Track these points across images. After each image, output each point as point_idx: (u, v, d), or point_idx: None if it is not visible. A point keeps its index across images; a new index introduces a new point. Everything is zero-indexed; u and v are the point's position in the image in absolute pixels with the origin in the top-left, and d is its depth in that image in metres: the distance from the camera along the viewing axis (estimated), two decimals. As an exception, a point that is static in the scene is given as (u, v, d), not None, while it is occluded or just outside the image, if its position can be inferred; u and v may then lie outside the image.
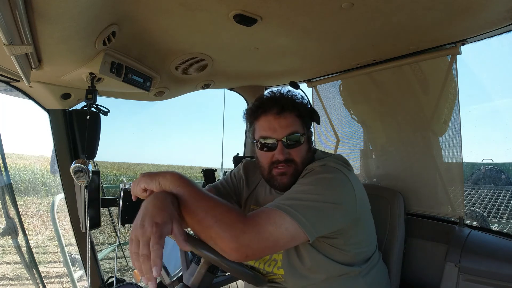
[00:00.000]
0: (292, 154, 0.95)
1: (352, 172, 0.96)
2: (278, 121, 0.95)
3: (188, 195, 0.77)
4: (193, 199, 0.77)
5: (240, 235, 0.74)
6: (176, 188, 0.78)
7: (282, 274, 0.96)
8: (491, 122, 51.92)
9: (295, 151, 0.96)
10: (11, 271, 4.80)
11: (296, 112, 0.97)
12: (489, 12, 1.04)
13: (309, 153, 1.01)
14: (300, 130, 0.97)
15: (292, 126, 0.95)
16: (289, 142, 0.95)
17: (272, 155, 0.96)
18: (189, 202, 0.77)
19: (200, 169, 2.06)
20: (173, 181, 0.79)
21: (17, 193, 1.66)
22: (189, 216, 0.77)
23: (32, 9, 0.70)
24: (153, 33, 1.12)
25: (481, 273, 1.14)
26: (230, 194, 1.16)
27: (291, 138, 0.95)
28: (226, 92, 2.21)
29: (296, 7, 0.97)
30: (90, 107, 1.28)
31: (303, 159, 0.97)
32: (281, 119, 0.95)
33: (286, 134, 0.94)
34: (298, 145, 0.96)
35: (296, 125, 0.97)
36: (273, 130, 0.95)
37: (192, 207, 0.76)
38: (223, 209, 0.77)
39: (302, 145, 0.97)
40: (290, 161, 0.95)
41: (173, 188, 0.78)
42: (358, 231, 0.94)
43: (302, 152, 0.97)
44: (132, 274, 4.22)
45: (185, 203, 0.77)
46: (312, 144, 1.05)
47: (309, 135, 1.03)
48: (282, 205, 0.80)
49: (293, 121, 0.96)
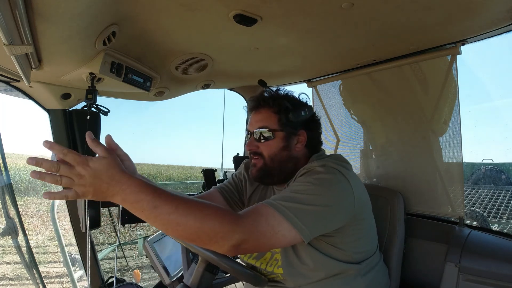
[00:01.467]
0: (260, 147, 1.00)
1: (352, 172, 0.96)
2: (254, 115, 1.03)
3: (163, 203, 0.70)
4: (172, 207, 0.70)
5: (232, 237, 0.73)
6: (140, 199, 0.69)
7: (282, 273, 0.96)
8: (491, 122, 51.96)
9: (263, 145, 1.00)
10: (11, 271, 4.80)
11: (273, 109, 1.00)
12: (489, 12, 1.04)
13: (285, 152, 0.99)
14: (272, 126, 0.99)
15: (263, 121, 1.00)
16: (257, 136, 1.00)
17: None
18: (165, 210, 0.69)
19: (200, 169, 2.06)
20: (136, 193, 0.69)
21: (17, 193, 1.66)
22: (171, 224, 0.70)
23: (32, 9, 0.70)
24: (153, 33, 1.12)
25: (481, 273, 1.14)
26: (234, 193, 1.19)
27: (259, 132, 1.00)
28: (226, 92, 2.21)
29: (296, 7, 0.97)
30: (90, 107, 1.28)
31: (272, 155, 0.99)
32: (256, 114, 1.02)
33: (256, 127, 1.00)
34: (267, 140, 0.99)
35: (269, 120, 0.99)
36: (250, 124, 1.03)
37: (173, 214, 0.70)
38: (208, 210, 0.73)
39: (272, 140, 0.99)
40: (258, 154, 1.01)
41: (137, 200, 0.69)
42: (356, 229, 0.94)
43: (272, 148, 0.99)
44: (132, 274, 4.22)
45: (161, 212, 0.69)
46: (295, 144, 1.01)
47: (288, 132, 1.00)
48: (278, 204, 0.80)
49: (267, 116, 1.00)
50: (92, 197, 0.69)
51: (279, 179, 1.03)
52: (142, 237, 5.62)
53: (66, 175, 0.66)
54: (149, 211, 0.69)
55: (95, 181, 0.67)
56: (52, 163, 0.65)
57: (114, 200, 0.69)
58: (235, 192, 1.19)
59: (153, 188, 0.70)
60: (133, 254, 5.67)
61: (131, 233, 6.12)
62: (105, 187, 0.67)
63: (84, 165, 0.66)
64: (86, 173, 0.66)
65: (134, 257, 5.53)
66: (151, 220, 0.70)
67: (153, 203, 0.68)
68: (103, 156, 0.69)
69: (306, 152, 1.04)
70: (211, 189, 1.20)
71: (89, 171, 0.66)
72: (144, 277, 4.35)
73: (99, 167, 0.67)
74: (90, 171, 0.66)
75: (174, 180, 16.17)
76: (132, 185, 0.68)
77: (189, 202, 0.73)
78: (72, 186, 0.67)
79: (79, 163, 0.66)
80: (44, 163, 0.65)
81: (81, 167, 0.66)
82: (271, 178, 1.02)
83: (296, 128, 1.01)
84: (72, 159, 0.66)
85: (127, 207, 0.70)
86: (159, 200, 0.69)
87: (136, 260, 5.40)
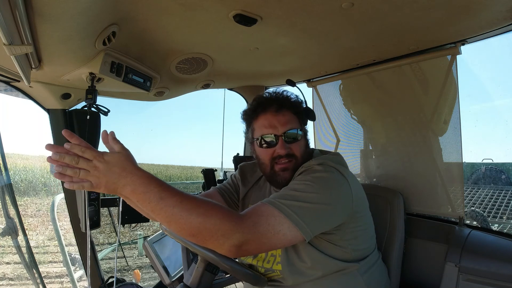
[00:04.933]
0: (293, 149, 0.99)
1: (348, 170, 0.98)
2: (277, 118, 0.99)
3: (170, 198, 0.73)
4: (178, 204, 0.73)
5: (233, 236, 0.74)
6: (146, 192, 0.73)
7: (280, 270, 0.96)
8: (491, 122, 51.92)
9: (295, 146, 1.00)
10: (11, 271, 4.80)
11: (293, 110, 1.02)
12: (489, 12, 1.04)
13: (307, 149, 1.05)
14: (298, 126, 1.02)
15: (290, 122, 1.00)
16: (288, 138, 0.99)
17: (273, 151, 0.99)
18: (170, 205, 0.73)
19: (200, 169, 2.06)
20: (146, 184, 0.73)
21: (17, 193, 1.66)
22: (173, 219, 0.73)
23: (32, 9, 0.70)
24: (153, 33, 1.12)
25: (481, 273, 1.14)
26: (233, 194, 1.20)
27: (290, 134, 0.99)
28: (226, 92, 2.21)
29: (296, 7, 0.98)
30: (90, 107, 1.28)
31: (302, 154, 1.01)
32: (280, 116, 0.99)
33: (285, 130, 0.98)
34: (297, 141, 1.00)
35: (294, 121, 1.01)
36: (273, 127, 0.99)
37: (176, 209, 0.73)
38: (212, 209, 0.76)
39: (300, 140, 1.02)
40: (291, 155, 0.99)
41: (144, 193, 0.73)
42: (355, 227, 0.95)
43: (302, 147, 1.02)
44: (132, 274, 4.22)
45: (165, 206, 0.72)
46: (308, 141, 1.08)
47: (305, 132, 1.06)
48: (279, 203, 0.81)
49: (291, 118, 1.01)
50: (105, 188, 0.73)
51: None
52: (142, 237, 5.62)
53: (84, 168, 0.72)
54: (156, 202, 0.72)
55: (108, 173, 0.72)
56: (72, 157, 0.72)
57: (124, 191, 0.73)
58: (234, 192, 1.20)
59: (160, 182, 0.75)
60: (133, 254, 5.67)
61: (131, 233, 6.11)
62: (116, 177, 0.72)
63: (100, 158, 0.72)
64: (100, 165, 0.72)
65: (134, 257, 5.54)
66: (156, 212, 0.73)
67: (159, 195, 0.72)
68: (119, 151, 0.75)
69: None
70: (210, 189, 1.21)
71: (104, 163, 0.72)
72: (144, 277, 4.35)
73: (113, 160, 0.73)
74: (105, 163, 0.72)
75: (174, 180, 16.16)
76: (143, 176, 0.73)
77: (193, 198, 0.76)
78: (87, 177, 0.72)
79: (95, 157, 0.72)
80: (67, 156, 0.71)
81: (97, 160, 0.72)
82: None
83: (306, 125, 1.07)
84: (90, 155, 0.72)
85: (134, 199, 0.73)
86: (165, 193, 0.73)
87: (136, 260, 5.40)
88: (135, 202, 0.74)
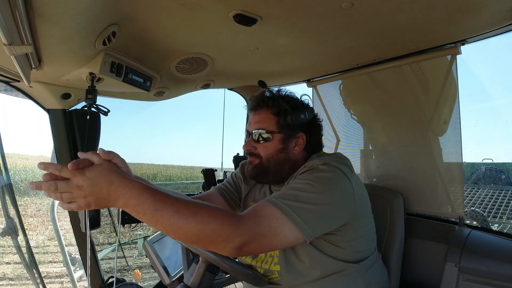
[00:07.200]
0: (258, 148, 1.02)
1: (352, 170, 0.97)
2: (253, 116, 1.04)
3: (163, 205, 0.70)
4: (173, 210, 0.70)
5: (234, 240, 0.73)
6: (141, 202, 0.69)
7: (278, 270, 0.96)
8: (491, 122, 51.93)
9: (261, 146, 1.01)
10: (11, 271, 4.80)
11: (273, 110, 1.01)
12: (489, 12, 1.04)
13: (282, 154, 1.00)
14: (270, 127, 1.00)
15: (261, 122, 1.01)
16: (255, 137, 1.01)
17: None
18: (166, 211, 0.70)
19: (200, 169, 2.06)
20: (137, 196, 0.69)
21: (17, 193, 1.66)
22: (173, 226, 0.70)
23: (32, 9, 0.70)
24: (153, 33, 1.12)
25: (481, 273, 1.14)
26: (233, 193, 1.20)
27: (256, 133, 1.01)
28: (226, 92, 2.21)
29: (296, 7, 0.97)
30: (90, 107, 1.28)
31: (269, 156, 1.00)
32: (255, 115, 1.03)
33: (254, 128, 1.02)
34: (265, 142, 1.01)
35: (267, 122, 1.00)
36: (250, 125, 1.04)
37: (173, 216, 0.70)
38: (208, 211, 0.73)
39: (269, 142, 1.00)
40: (255, 154, 1.02)
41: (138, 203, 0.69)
42: (357, 228, 0.94)
43: (269, 149, 1.00)
44: (132, 274, 4.23)
45: (162, 213, 0.69)
46: (294, 147, 1.02)
47: (286, 136, 1.00)
48: (280, 203, 0.80)
49: (265, 118, 1.01)
50: (95, 206, 0.69)
51: (275, 179, 1.03)
52: (142, 237, 5.62)
53: (64, 191, 0.67)
54: (151, 214, 0.69)
55: (94, 189, 0.67)
56: (49, 184, 0.66)
57: (116, 205, 0.69)
58: (234, 191, 1.20)
59: (153, 191, 0.70)
60: (133, 254, 5.68)
61: (131, 233, 6.11)
62: (105, 193, 0.68)
63: (81, 175, 0.67)
64: (84, 183, 0.67)
65: (134, 257, 5.54)
66: (153, 223, 0.70)
67: (154, 206, 0.68)
68: (99, 163, 0.70)
69: (305, 155, 1.04)
70: (210, 189, 1.21)
71: (87, 180, 0.67)
72: (144, 277, 4.35)
73: (96, 174, 0.68)
74: (88, 180, 0.67)
75: (174, 180, 16.16)
76: (133, 188, 0.68)
77: (190, 204, 0.72)
78: (73, 199, 0.68)
79: (76, 175, 0.67)
80: (43, 185, 0.67)
81: (79, 177, 0.67)
82: (266, 177, 1.03)
83: (295, 131, 1.01)
84: (68, 173, 0.67)
85: (128, 211, 0.70)
86: (160, 203, 0.69)
87: (136, 260, 5.41)
88: (131, 213, 0.71)
